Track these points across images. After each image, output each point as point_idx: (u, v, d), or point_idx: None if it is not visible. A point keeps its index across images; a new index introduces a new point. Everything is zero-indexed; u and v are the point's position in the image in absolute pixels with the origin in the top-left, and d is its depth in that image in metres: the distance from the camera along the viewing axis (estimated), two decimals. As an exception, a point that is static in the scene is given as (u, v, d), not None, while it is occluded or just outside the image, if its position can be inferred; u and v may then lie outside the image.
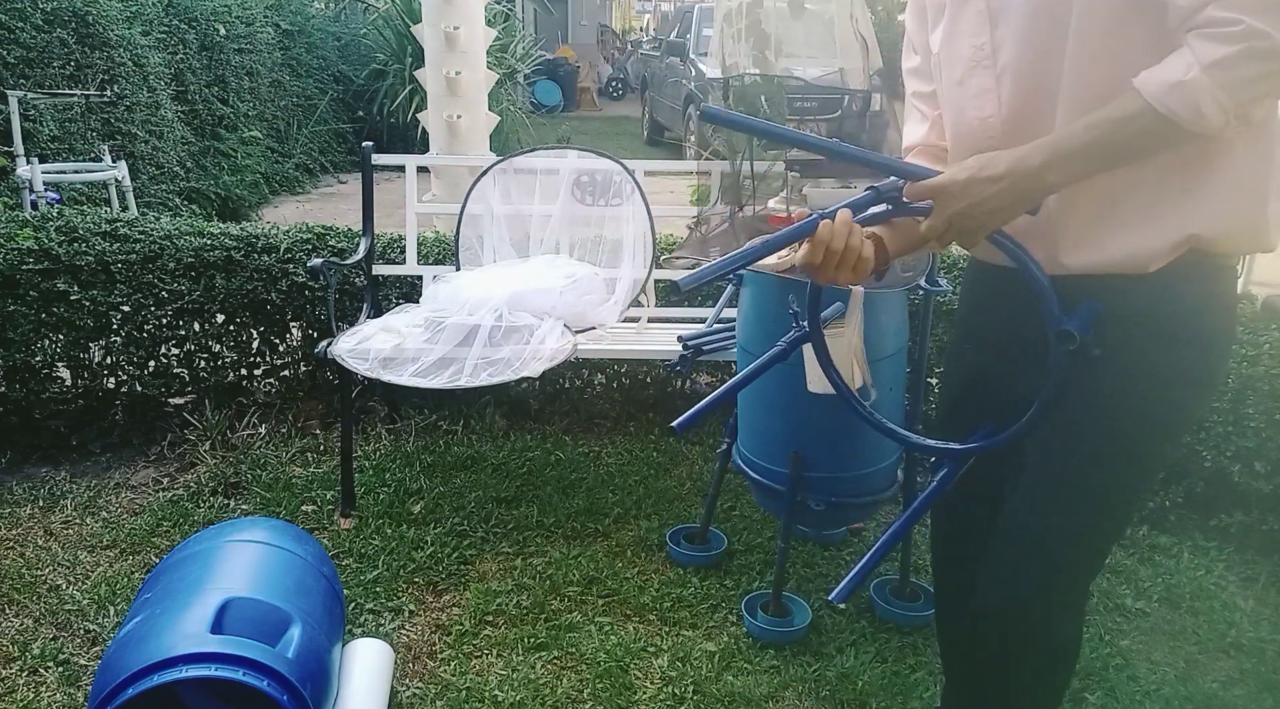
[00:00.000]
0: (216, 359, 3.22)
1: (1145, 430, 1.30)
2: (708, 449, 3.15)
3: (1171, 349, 1.27)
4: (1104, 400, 1.30)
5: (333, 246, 3.20)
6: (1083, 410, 1.32)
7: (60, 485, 2.87)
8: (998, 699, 1.52)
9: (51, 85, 5.40)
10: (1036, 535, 1.37)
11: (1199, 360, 1.28)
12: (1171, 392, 1.28)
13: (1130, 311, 1.27)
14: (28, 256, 2.91)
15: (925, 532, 2.68)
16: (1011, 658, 1.44)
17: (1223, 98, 1.07)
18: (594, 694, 2.06)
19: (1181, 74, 1.08)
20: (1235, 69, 1.06)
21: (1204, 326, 1.28)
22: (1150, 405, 1.29)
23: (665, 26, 16.28)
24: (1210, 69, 1.06)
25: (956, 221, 1.23)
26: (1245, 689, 2.12)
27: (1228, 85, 1.07)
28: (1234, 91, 1.07)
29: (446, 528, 2.66)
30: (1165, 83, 1.10)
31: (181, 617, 1.68)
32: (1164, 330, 1.27)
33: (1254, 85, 1.09)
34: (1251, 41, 1.04)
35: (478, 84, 4.07)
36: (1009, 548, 1.41)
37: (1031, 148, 1.20)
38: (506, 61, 9.19)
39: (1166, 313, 1.26)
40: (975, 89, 1.33)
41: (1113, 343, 1.28)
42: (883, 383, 2.11)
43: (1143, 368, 1.28)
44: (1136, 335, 1.27)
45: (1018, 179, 1.19)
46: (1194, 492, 2.67)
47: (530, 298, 2.75)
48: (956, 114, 1.38)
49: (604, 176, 3.11)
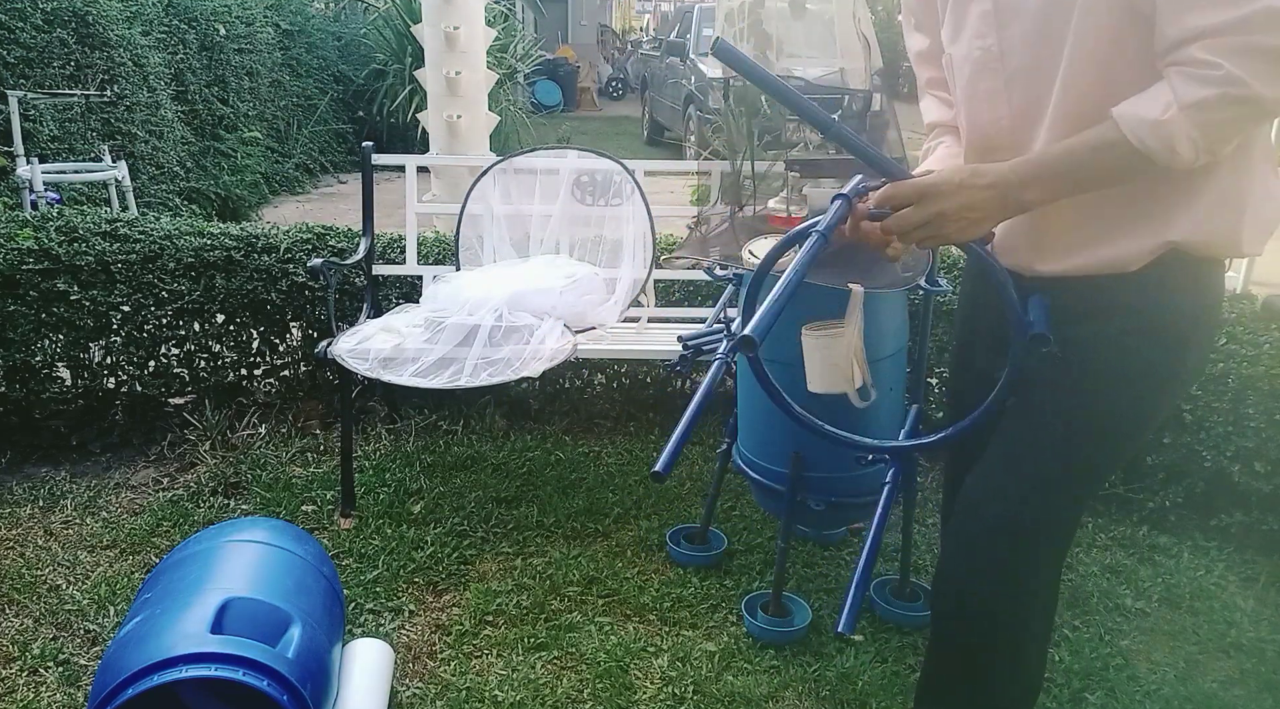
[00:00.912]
0: (216, 359, 3.22)
1: (1112, 420, 1.34)
2: (708, 449, 3.15)
3: (1148, 343, 1.29)
4: (1071, 388, 1.33)
5: (333, 246, 3.20)
6: (1048, 397, 1.35)
7: (60, 485, 2.87)
8: (951, 683, 1.53)
9: (51, 85, 5.41)
10: (980, 508, 1.41)
11: (1175, 355, 1.31)
12: (1141, 384, 1.31)
13: (1107, 305, 1.30)
14: (28, 256, 2.91)
15: (925, 532, 2.69)
16: (960, 632, 1.47)
17: (1197, 138, 1.11)
18: (594, 694, 2.06)
19: (1160, 113, 1.12)
20: (1212, 112, 1.10)
21: (1182, 321, 1.30)
22: (1118, 397, 1.32)
23: (665, 26, 16.27)
24: (1188, 109, 1.10)
25: (936, 221, 1.23)
26: (1245, 689, 2.12)
27: (1203, 126, 1.11)
28: (1208, 132, 1.11)
29: (446, 528, 2.66)
30: (1144, 119, 1.13)
31: (181, 617, 1.68)
32: (1142, 324, 1.29)
33: (1226, 128, 1.12)
34: (1229, 88, 1.08)
35: (478, 84, 4.07)
36: (962, 519, 1.45)
37: (1012, 166, 1.23)
38: (506, 61, 9.19)
39: (1143, 306, 1.29)
40: (985, 92, 1.34)
41: (1087, 335, 1.31)
42: (883, 383, 2.10)
43: (1117, 360, 1.30)
44: (1112, 328, 1.30)
45: (1003, 190, 1.22)
46: (1194, 492, 2.67)
47: (530, 298, 2.75)
48: (970, 115, 1.39)
49: (604, 176, 3.11)
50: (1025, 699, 1.54)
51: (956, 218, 1.23)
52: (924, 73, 1.54)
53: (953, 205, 1.22)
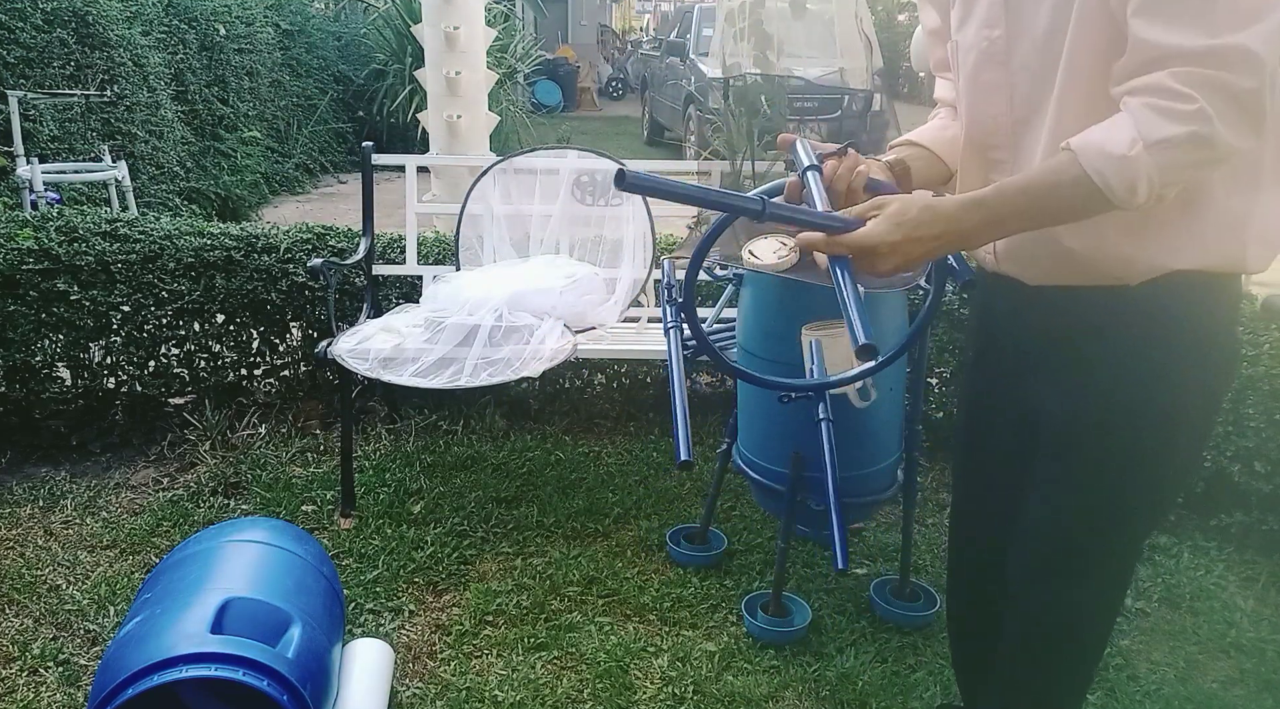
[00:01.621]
0: (216, 359, 3.22)
1: (1139, 434, 1.28)
2: (708, 449, 3.15)
3: (1160, 359, 1.24)
4: (1095, 405, 1.29)
5: (333, 246, 3.20)
6: (1075, 418, 1.30)
7: (60, 485, 2.87)
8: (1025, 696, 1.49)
9: (51, 85, 5.41)
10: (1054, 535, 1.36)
11: (1193, 370, 1.25)
12: (1162, 398, 1.26)
13: (1112, 321, 1.26)
14: (28, 256, 2.91)
15: (925, 532, 2.69)
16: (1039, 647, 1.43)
17: (1155, 178, 1.05)
18: (594, 694, 2.06)
19: (1126, 148, 1.05)
20: (1176, 152, 1.04)
21: (1191, 336, 1.25)
22: (1144, 410, 1.26)
23: (665, 26, 16.27)
24: (1153, 147, 1.04)
25: (874, 267, 1.17)
26: (1245, 689, 2.12)
27: (1165, 167, 1.05)
28: (1168, 174, 1.06)
29: (446, 528, 2.66)
30: (1109, 155, 1.07)
31: (181, 617, 1.68)
32: (1153, 336, 1.24)
33: (1183, 171, 1.07)
34: (1199, 127, 1.02)
35: (478, 84, 4.07)
36: (1031, 546, 1.40)
37: (964, 207, 1.16)
38: (506, 61, 9.19)
39: (1150, 318, 1.24)
40: (987, 84, 1.29)
41: (1097, 352, 1.27)
42: (883, 383, 2.10)
43: (1130, 375, 1.26)
44: (1121, 344, 1.26)
45: (950, 240, 1.17)
46: (1194, 492, 2.67)
47: (530, 298, 2.75)
48: (970, 107, 1.34)
49: (604, 176, 3.11)
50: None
51: (893, 264, 1.17)
52: (935, 52, 1.48)
53: (890, 266, 1.16)
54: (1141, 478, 1.31)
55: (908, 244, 1.15)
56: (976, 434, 1.57)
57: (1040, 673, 1.45)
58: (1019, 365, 1.40)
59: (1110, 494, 1.31)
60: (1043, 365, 1.35)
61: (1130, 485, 1.31)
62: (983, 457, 1.55)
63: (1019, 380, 1.40)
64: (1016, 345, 1.41)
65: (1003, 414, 1.46)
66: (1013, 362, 1.42)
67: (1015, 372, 1.41)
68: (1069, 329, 1.30)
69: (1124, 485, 1.31)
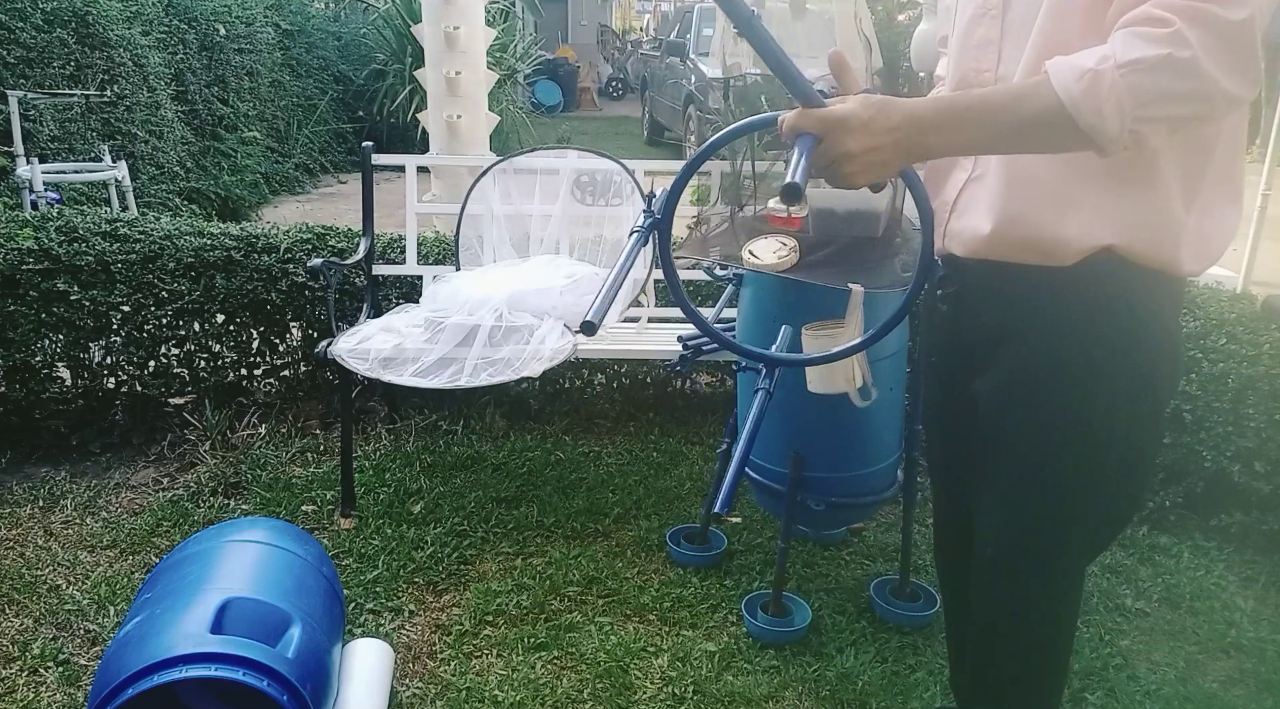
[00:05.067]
0: (216, 359, 3.22)
1: (1081, 433, 1.26)
2: (708, 449, 3.15)
3: (1104, 352, 1.23)
4: (1040, 403, 1.28)
5: (333, 247, 3.20)
6: (1023, 416, 1.30)
7: (60, 485, 2.87)
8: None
9: (51, 85, 5.40)
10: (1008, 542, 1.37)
11: (1132, 367, 1.24)
12: (1100, 394, 1.25)
13: (1045, 302, 1.25)
14: (28, 256, 2.91)
15: (925, 532, 2.68)
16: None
17: (1126, 103, 1.00)
18: (594, 694, 2.06)
19: (1094, 63, 1.01)
20: (1149, 74, 1.00)
21: (1132, 332, 1.23)
22: (1084, 409, 1.25)
23: (665, 26, 16.28)
24: (1125, 67, 1.00)
25: (840, 161, 1.09)
26: (1245, 689, 2.12)
27: (1135, 90, 1.00)
28: (1140, 98, 1.00)
29: (446, 528, 2.66)
30: (1076, 67, 1.02)
31: (181, 617, 1.68)
32: (1092, 331, 1.23)
33: (1160, 104, 1.02)
34: (1175, 49, 0.98)
35: (478, 84, 4.07)
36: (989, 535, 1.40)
37: (925, 103, 1.11)
38: (506, 61, 9.18)
39: (1082, 305, 1.23)
40: (978, 39, 1.28)
41: (1034, 345, 1.26)
42: (883, 383, 2.10)
43: (1065, 370, 1.25)
44: (1057, 335, 1.25)
45: (908, 132, 1.09)
46: (1194, 492, 2.67)
47: (530, 298, 2.75)
48: (959, 63, 1.32)
49: (604, 176, 3.11)
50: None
51: (859, 159, 1.08)
52: (945, 28, 1.46)
53: (857, 145, 1.07)
54: (1077, 476, 1.29)
55: (870, 129, 1.07)
56: (934, 435, 1.61)
57: (997, 674, 1.47)
58: (967, 361, 1.40)
59: (1045, 493, 1.31)
60: (984, 358, 1.35)
61: (1067, 483, 1.30)
62: (942, 454, 1.59)
63: (966, 374, 1.40)
64: (961, 339, 1.41)
65: (952, 411, 1.48)
66: (959, 356, 1.43)
67: (963, 366, 1.41)
68: (1007, 317, 1.29)
69: (1060, 484, 1.30)
